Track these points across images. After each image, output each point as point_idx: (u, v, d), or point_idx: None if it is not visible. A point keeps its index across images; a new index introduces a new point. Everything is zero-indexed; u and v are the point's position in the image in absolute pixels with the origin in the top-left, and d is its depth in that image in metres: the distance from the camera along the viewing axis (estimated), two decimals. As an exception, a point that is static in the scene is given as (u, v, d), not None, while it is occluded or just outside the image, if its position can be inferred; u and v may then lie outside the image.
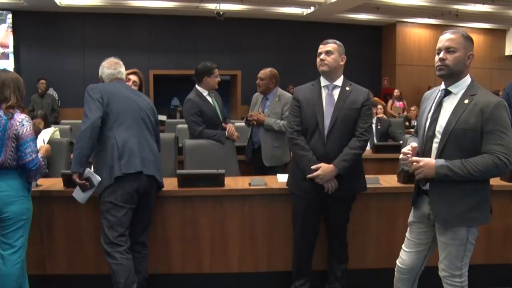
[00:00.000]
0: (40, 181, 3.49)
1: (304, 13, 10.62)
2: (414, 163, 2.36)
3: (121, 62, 3.30)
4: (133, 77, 3.66)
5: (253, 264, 3.42)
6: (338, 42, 3.07)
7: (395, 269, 2.68)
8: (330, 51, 3.03)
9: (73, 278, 3.39)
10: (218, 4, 9.20)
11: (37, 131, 4.06)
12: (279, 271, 3.42)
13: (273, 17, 10.76)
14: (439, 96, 2.45)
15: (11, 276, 2.82)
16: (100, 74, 3.28)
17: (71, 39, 10.29)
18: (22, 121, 2.81)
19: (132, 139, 3.00)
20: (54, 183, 3.47)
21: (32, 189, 3.28)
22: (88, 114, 2.94)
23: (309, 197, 3.08)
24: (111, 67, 3.25)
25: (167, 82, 10.02)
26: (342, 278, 3.23)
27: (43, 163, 2.93)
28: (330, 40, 3.07)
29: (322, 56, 3.04)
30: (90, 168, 3.03)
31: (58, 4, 9.30)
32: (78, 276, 3.38)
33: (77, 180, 2.94)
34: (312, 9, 10.25)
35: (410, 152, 2.42)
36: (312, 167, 2.95)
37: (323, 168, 2.94)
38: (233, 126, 4.28)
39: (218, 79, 4.29)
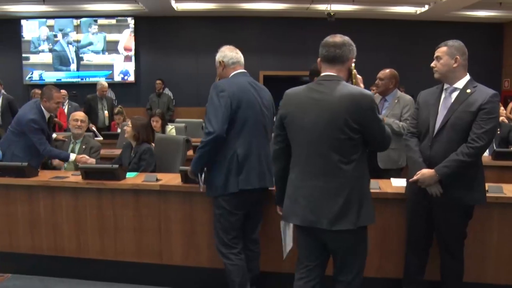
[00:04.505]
0: (159, 175, 3.72)
1: (418, 12, 10.20)
2: None
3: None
4: None
5: (363, 269, 3.34)
6: (450, 43, 2.89)
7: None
8: (438, 56, 2.90)
9: (187, 269, 3.55)
10: (329, 5, 9.13)
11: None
12: (390, 277, 3.32)
13: (385, 16, 10.46)
14: None
15: None
16: (221, 58, 3.13)
17: (185, 42, 10.80)
18: None
19: (253, 151, 2.99)
20: (172, 178, 3.65)
21: (152, 183, 3.51)
22: (213, 122, 2.87)
23: (416, 200, 2.99)
24: (233, 50, 3.14)
25: (277, 83, 10.11)
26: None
27: None
28: (441, 44, 2.93)
29: (432, 63, 2.94)
30: None
31: (175, 8, 9.79)
32: (191, 268, 3.54)
33: (191, 176, 3.14)
34: (426, 7, 9.81)
35: None
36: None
37: (423, 173, 2.83)
38: None
39: None
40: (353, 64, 2.50)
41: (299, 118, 2.44)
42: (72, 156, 4.27)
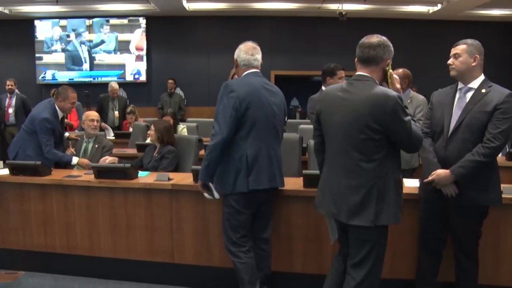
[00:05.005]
0: (171, 175, 3.73)
1: (430, 11, 10.10)
2: None
3: (258, 48, 3.15)
4: None
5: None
6: (469, 41, 2.88)
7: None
8: (457, 54, 2.87)
9: (198, 269, 3.56)
10: (341, 4, 9.09)
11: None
12: (403, 278, 3.30)
13: (397, 16, 10.37)
14: None
15: None
16: (236, 56, 3.13)
17: (196, 41, 10.80)
18: None
19: (263, 152, 2.98)
20: (184, 178, 3.67)
21: (164, 182, 3.52)
22: (221, 123, 2.88)
23: (430, 200, 2.97)
24: (248, 52, 3.09)
25: (288, 83, 10.14)
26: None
27: None
28: (460, 42, 2.90)
29: (449, 61, 2.91)
30: None
31: (187, 8, 9.81)
32: (203, 267, 3.55)
33: (201, 188, 3.07)
34: (439, 6, 9.71)
35: None
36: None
37: (438, 173, 2.81)
38: None
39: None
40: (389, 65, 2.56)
41: (329, 115, 2.58)
42: (75, 160, 4.29)
